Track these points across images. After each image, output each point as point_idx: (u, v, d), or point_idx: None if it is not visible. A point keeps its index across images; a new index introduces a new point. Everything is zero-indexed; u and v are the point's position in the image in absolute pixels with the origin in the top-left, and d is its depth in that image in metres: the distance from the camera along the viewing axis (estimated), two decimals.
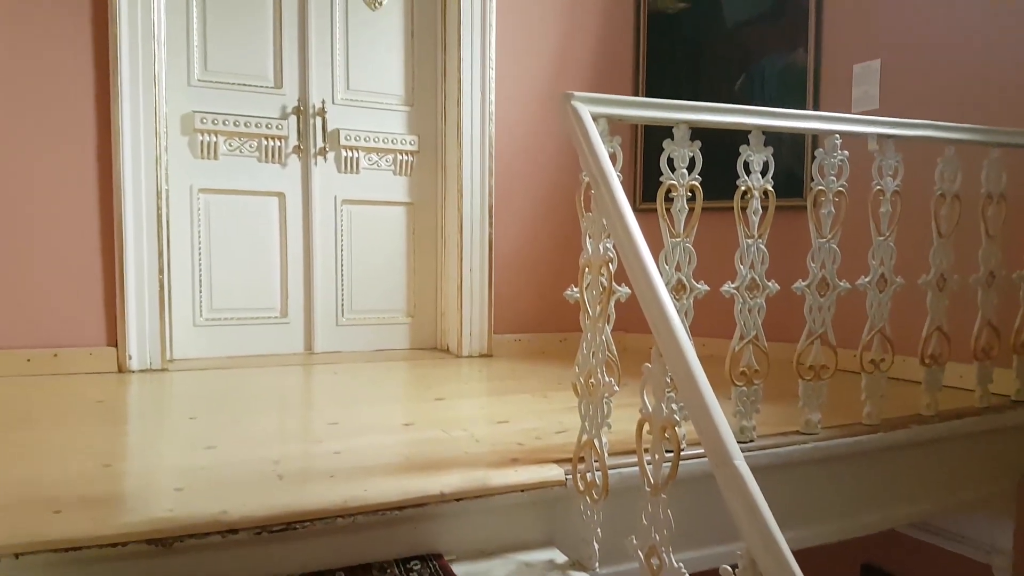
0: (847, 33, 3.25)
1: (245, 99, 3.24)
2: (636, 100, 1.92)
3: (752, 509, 1.05)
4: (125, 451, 1.87)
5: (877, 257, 2.20)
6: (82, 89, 2.83)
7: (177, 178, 3.12)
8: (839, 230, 2.09)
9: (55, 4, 2.78)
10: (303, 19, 3.32)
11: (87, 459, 1.75)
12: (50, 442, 1.92)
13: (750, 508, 1.05)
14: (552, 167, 3.71)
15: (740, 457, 1.15)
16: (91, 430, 2.05)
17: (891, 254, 2.21)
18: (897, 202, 2.19)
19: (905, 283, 2.24)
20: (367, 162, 3.50)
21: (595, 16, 3.75)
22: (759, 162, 1.97)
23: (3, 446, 1.87)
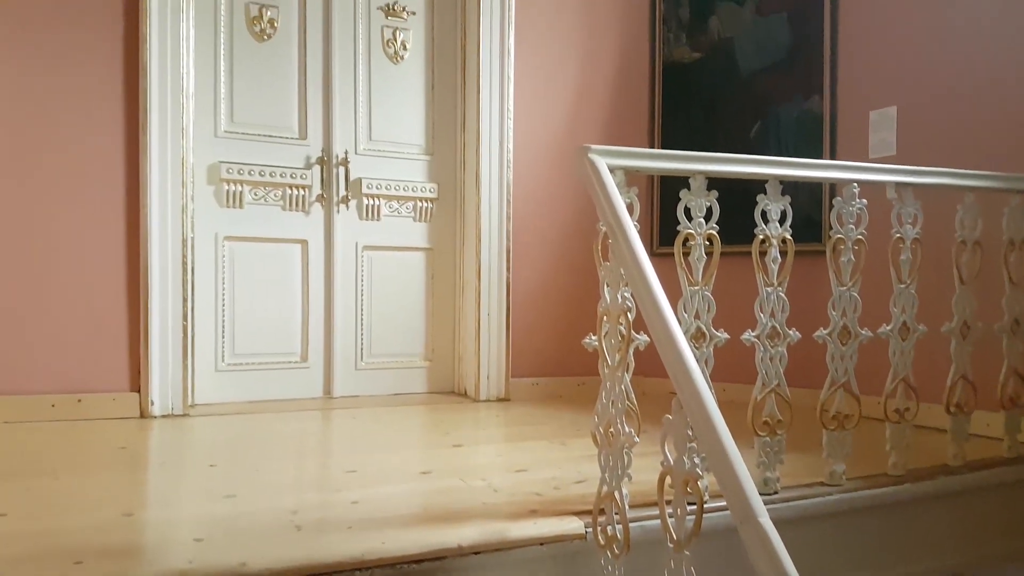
0: (863, 80, 3.27)
1: (270, 150, 3.31)
2: (652, 152, 1.95)
3: (778, 570, 1.03)
4: (146, 500, 1.87)
5: (899, 305, 2.19)
6: (112, 139, 2.92)
7: (203, 226, 3.18)
8: (859, 278, 2.08)
9: (88, 56, 2.88)
10: (327, 72, 3.41)
11: (108, 508, 1.76)
12: (72, 491, 1.93)
13: (776, 569, 1.03)
14: (569, 212, 3.74)
15: (764, 514, 1.14)
16: (112, 478, 2.07)
17: (913, 302, 2.20)
18: (917, 250, 2.19)
19: (928, 331, 2.22)
20: (388, 209, 3.56)
21: (611, 66, 3.82)
22: (777, 211, 1.98)
23: (26, 495, 1.89)
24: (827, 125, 3.37)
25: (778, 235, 1.98)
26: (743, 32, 3.61)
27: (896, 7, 3.15)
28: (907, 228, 2.18)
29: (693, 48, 3.76)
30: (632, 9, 3.85)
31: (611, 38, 3.81)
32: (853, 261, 2.07)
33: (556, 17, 3.69)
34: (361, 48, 3.47)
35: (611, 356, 1.72)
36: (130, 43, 2.92)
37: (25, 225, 2.82)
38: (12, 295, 2.81)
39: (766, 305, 1.97)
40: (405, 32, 3.54)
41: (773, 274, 1.97)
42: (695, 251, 1.89)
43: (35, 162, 2.82)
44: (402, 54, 3.54)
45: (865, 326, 2.10)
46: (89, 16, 2.87)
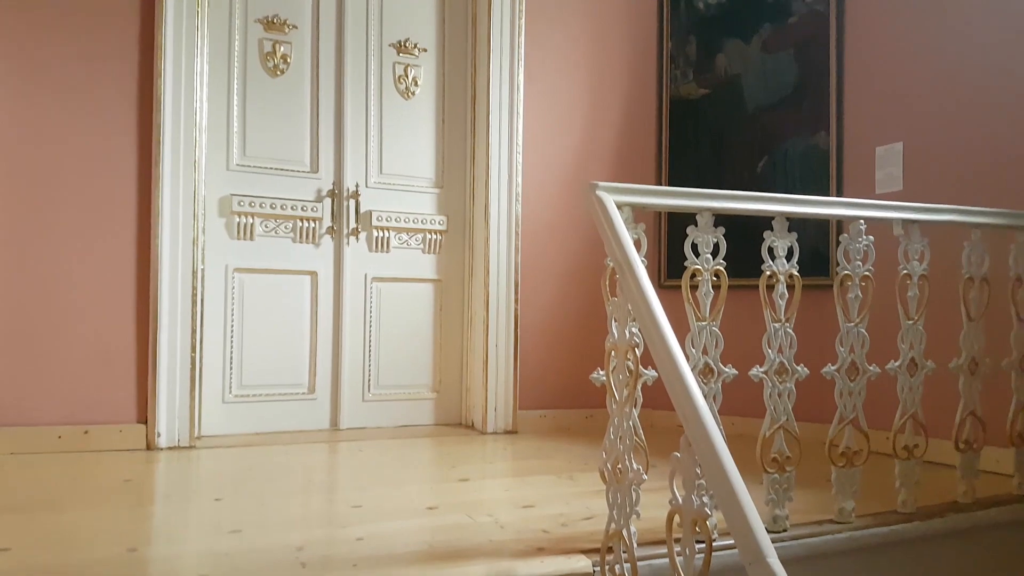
0: (869, 116, 3.30)
1: (282, 183, 3.36)
2: (660, 189, 1.97)
3: None
4: (151, 534, 1.87)
5: (907, 341, 2.18)
6: (125, 172, 2.96)
7: (213, 258, 3.21)
8: (867, 314, 2.09)
9: (104, 91, 2.94)
10: (339, 107, 3.46)
11: (113, 543, 1.76)
12: (77, 525, 1.93)
13: None
14: (578, 245, 3.76)
15: (773, 554, 1.13)
16: (118, 512, 2.06)
17: (921, 338, 2.19)
18: (925, 286, 2.19)
19: (936, 367, 2.21)
20: (397, 241, 3.58)
21: (619, 101, 3.87)
22: (784, 248, 1.99)
23: (31, 529, 1.89)
24: (833, 160, 3.39)
25: (785, 272, 1.99)
26: (750, 69, 3.66)
27: (902, 44, 3.19)
28: (914, 264, 2.18)
29: (700, 84, 3.81)
30: (640, 46, 3.90)
31: (619, 74, 3.86)
32: (860, 297, 2.07)
33: (565, 54, 3.74)
34: (373, 83, 3.53)
35: (619, 392, 1.72)
36: (145, 78, 2.98)
37: (35, 255, 2.85)
38: (21, 325, 2.84)
39: (774, 341, 1.97)
40: (416, 68, 3.61)
41: (781, 310, 1.98)
42: (702, 286, 1.90)
43: (48, 193, 2.87)
44: (413, 90, 3.60)
45: (873, 362, 2.09)
46: (106, 52, 2.94)
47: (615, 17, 3.85)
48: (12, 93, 2.82)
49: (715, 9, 3.76)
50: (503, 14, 3.58)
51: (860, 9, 3.37)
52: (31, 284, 2.85)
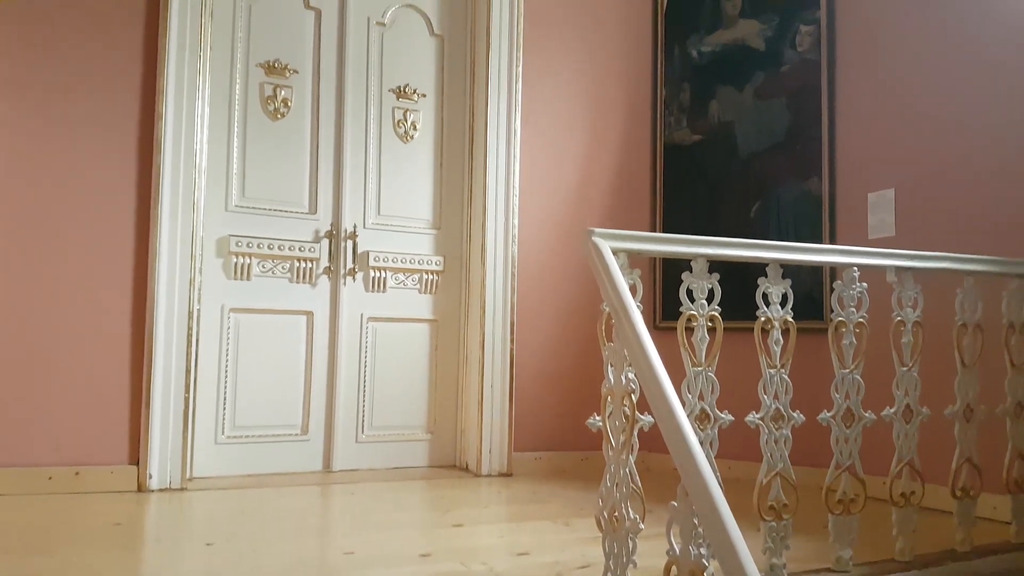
0: (861, 163, 3.36)
1: (280, 224, 3.38)
2: (655, 236, 1.99)
3: None
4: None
5: (901, 388, 2.19)
6: (123, 212, 2.98)
7: (209, 298, 3.21)
8: (862, 360, 2.10)
9: (105, 133, 2.97)
10: (339, 150, 3.51)
11: None
12: (66, 569, 1.90)
13: None
14: (573, 286, 3.77)
15: None
16: (107, 557, 2.03)
17: (915, 384, 2.20)
18: (919, 332, 2.20)
19: (931, 413, 2.21)
20: (394, 281, 3.60)
21: (614, 146, 3.93)
22: (778, 294, 2.01)
23: (21, 572, 1.86)
24: (826, 206, 3.44)
25: (780, 318, 2.00)
26: (742, 115, 3.73)
27: (893, 92, 3.25)
28: (908, 311, 2.20)
29: (694, 131, 3.87)
30: (635, 93, 3.98)
31: (614, 120, 3.93)
32: (855, 344, 2.09)
33: (561, 100, 3.81)
34: (372, 127, 3.58)
35: (615, 438, 1.72)
36: (146, 120, 3.02)
37: (31, 294, 2.85)
38: (14, 364, 2.82)
39: (769, 387, 1.98)
40: (415, 113, 3.66)
41: (776, 356, 1.98)
42: (698, 332, 1.91)
43: (45, 233, 2.88)
44: (412, 133, 3.65)
45: (869, 408, 2.10)
46: (108, 95, 2.98)
47: (610, 65, 3.93)
48: (13, 132, 2.85)
49: (708, 58, 3.84)
50: (500, 62, 3.65)
51: (851, 58, 3.45)
52: (25, 322, 2.84)
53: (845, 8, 3.49)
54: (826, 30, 3.51)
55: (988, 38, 2.91)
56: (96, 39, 2.96)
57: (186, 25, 3.06)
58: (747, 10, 3.73)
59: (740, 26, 3.75)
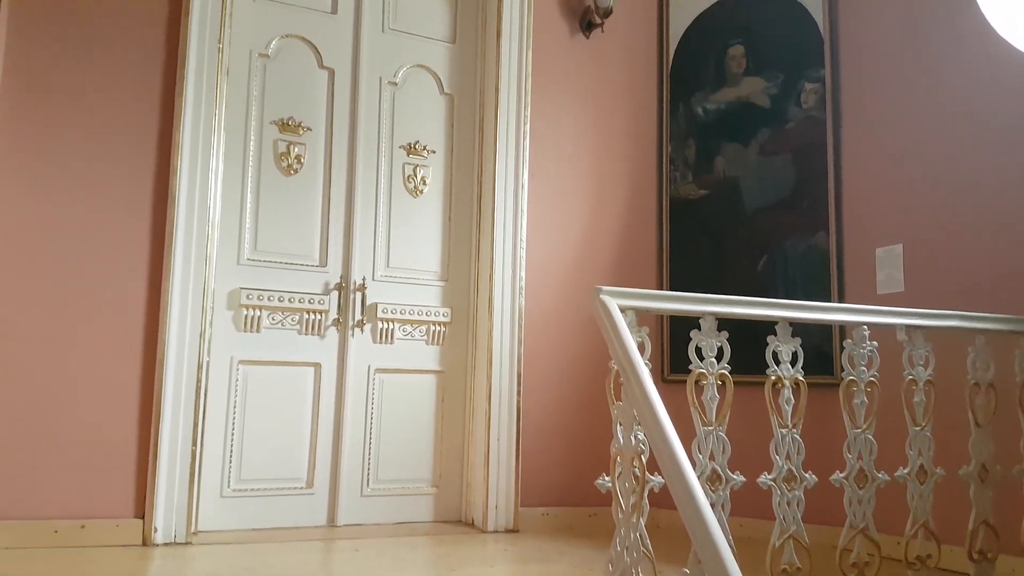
0: (868, 218, 3.37)
1: (290, 276, 3.40)
2: (663, 294, 2.00)
3: None
4: None
5: (915, 448, 2.17)
6: (136, 265, 3.01)
7: (219, 350, 3.22)
8: (874, 420, 2.08)
9: (120, 187, 3.01)
10: (350, 204, 3.55)
11: None
12: None
13: None
14: (580, 338, 3.77)
15: None
16: None
17: (929, 444, 2.18)
18: (931, 391, 2.19)
19: (946, 474, 2.18)
20: (401, 333, 3.60)
21: (620, 200, 3.96)
22: (788, 352, 2.01)
23: None
24: (834, 261, 3.44)
25: (791, 377, 2.00)
26: (748, 171, 3.77)
27: (899, 148, 3.28)
28: (919, 370, 2.19)
29: (700, 185, 3.91)
30: (640, 148, 4.03)
31: (620, 174, 3.97)
32: (867, 403, 2.08)
33: (568, 155, 3.87)
34: (383, 183, 3.63)
35: (625, 500, 1.70)
36: (161, 175, 3.07)
37: (42, 345, 2.87)
38: (22, 416, 2.82)
39: (781, 447, 1.96)
40: (425, 168, 3.72)
41: (787, 416, 1.97)
42: (707, 391, 1.90)
43: (58, 284, 2.90)
44: (421, 188, 3.70)
45: (882, 468, 2.07)
46: (126, 150, 3.03)
47: (616, 121, 3.99)
48: (30, 185, 2.90)
49: (713, 115, 3.90)
50: (508, 119, 3.72)
51: (856, 115, 3.50)
52: (35, 373, 2.85)
53: (849, 67, 3.55)
54: (831, 88, 3.57)
55: (992, 97, 2.95)
56: (115, 97, 3.03)
57: (202, 83, 3.13)
58: (752, 68, 3.81)
59: (745, 84, 3.82)
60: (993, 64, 2.95)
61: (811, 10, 3.67)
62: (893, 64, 3.34)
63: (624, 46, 4.03)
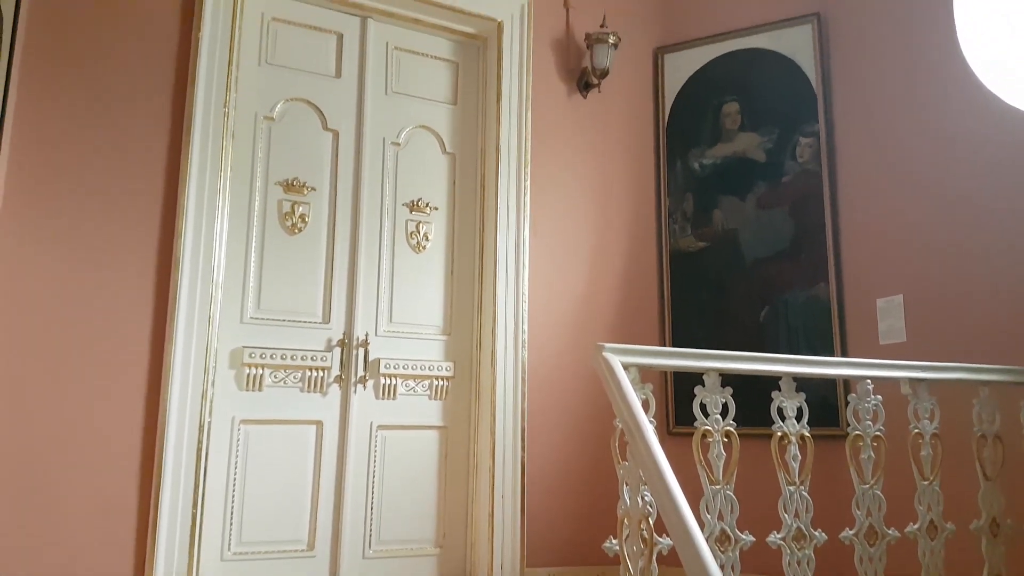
0: (867, 269, 3.39)
1: (293, 334, 3.41)
2: (666, 350, 2.01)
3: None
4: None
5: (924, 503, 2.14)
6: (139, 326, 3.01)
7: (220, 410, 3.20)
8: (881, 475, 2.06)
9: (125, 249, 3.03)
10: (353, 261, 3.58)
11: None
12: None
13: None
14: (584, 391, 3.75)
15: None
16: None
17: (938, 499, 2.15)
18: (937, 445, 2.18)
19: (956, 529, 2.15)
20: (404, 388, 3.59)
21: (621, 252, 4.00)
22: (793, 408, 2.00)
23: None
24: (835, 311, 3.46)
25: (796, 432, 1.99)
26: (746, 224, 3.81)
27: (896, 200, 3.32)
28: (925, 423, 2.18)
29: (699, 238, 3.95)
30: (639, 202, 4.08)
31: (620, 227, 4.02)
32: (873, 458, 2.06)
33: (568, 210, 3.91)
34: (386, 239, 3.66)
35: (633, 564, 1.67)
36: (165, 237, 3.10)
37: (43, 406, 2.85)
38: (21, 478, 2.79)
39: (789, 505, 1.94)
40: (428, 225, 3.76)
41: (794, 473, 1.96)
42: (714, 448, 1.89)
43: (61, 346, 2.90)
44: (424, 244, 3.74)
45: (892, 524, 2.05)
46: (130, 213, 3.06)
47: (615, 176, 4.05)
48: (37, 245, 2.91)
49: (710, 169, 3.97)
50: (509, 176, 3.78)
51: (852, 168, 3.55)
52: (36, 433, 2.82)
53: (843, 121, 3.63)
54: (825, 142, 3.63)
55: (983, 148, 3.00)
56: (121, 161, 3.07)
57: (208, 146, 3.19)
58: (746, 124, 3.89)
59: (740, 139, 3.89)
60: (981, 115, 3.01)
61: (803, 67, 3.77)
62: (885, 117, 3.41)
63: (621, 105, 4.12)
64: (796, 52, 3.80)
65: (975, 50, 3.11)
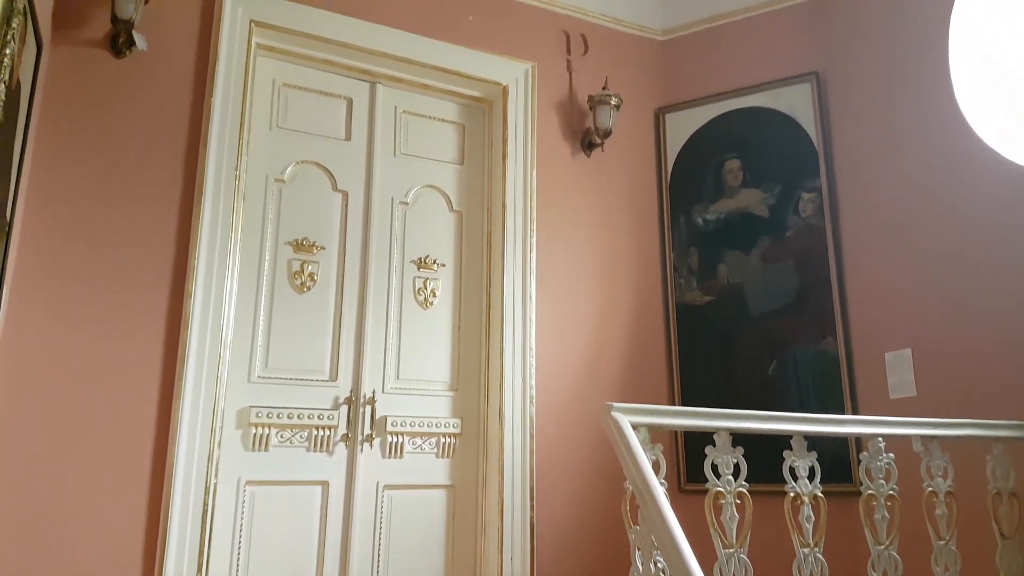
0: (875, 322, 3.39)
1: (300, 392, 3.40)
2: (675, 409, 2.00)
3: None
4: None
5: (941, 563, 2.10)
6: (147, 387, 3.00)
7: (226, 471, 3.18)
8: (896, 535, 2.03)
9: (135, 307, 3.05)
10: (361, 319, 3.60)
11: None
12: None
13: None
14: (594, 448, 3.71)
15: None
16: None
17: (955, 559, 2.11)
18: (952, 503, 2.14)
19: None
20: (411, 446, 3.56)
21: (627, 306, 4.01)
22: (805, 467, 1.99)
23: None
24: (844, 365, 3.44)
25: (809, 492, 1.96)
26: (751, 278, 3.83)
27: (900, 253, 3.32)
28: (939, 481, 2.16)
29: (704, 292, 3.96)
30: (644, 257, 4.11)
31: (626, 281, 4.04)
32: (888, 518, 2.03)
33: (574, 265, 3.94)
34: (394, 296, 3.69)
35: None
36: (175, 297, 3.11)
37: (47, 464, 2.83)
38: (26, 537, 2.76)
39: (804, 568, 1.90)
40: (435, 281, 3.79)
41: (808, 534, 1.93)
42: (726, 510, 1.87)
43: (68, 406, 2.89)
44: (432, 300, 3.76)
45: None
46: (141, 274, 3.07)
47: (619, 230, 4.09)
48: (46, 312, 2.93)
49: (713, 224, 4.01)
50: (515, 233, 3.82)
51: (855, 222, 3.58)
52: (41, 492, 2.79)
53: (844, 176, 3.67)
54: (828, 197, 3.67)
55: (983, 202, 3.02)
56: (131, 223, 3.10)
57: (219, 209, 3.24)
58: (748, 180, 3.94)
59: (742, 195, 3.94)
60: (980, 169, 3.04)
61: (803, 124, 3.84)
62: (886, 172, 3.45)
63: (624, 163, 4.19)
64: (796, 110, 3.87)
65: (973, 105, 3.17)
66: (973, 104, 3.17)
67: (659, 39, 4.41)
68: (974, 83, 3.21)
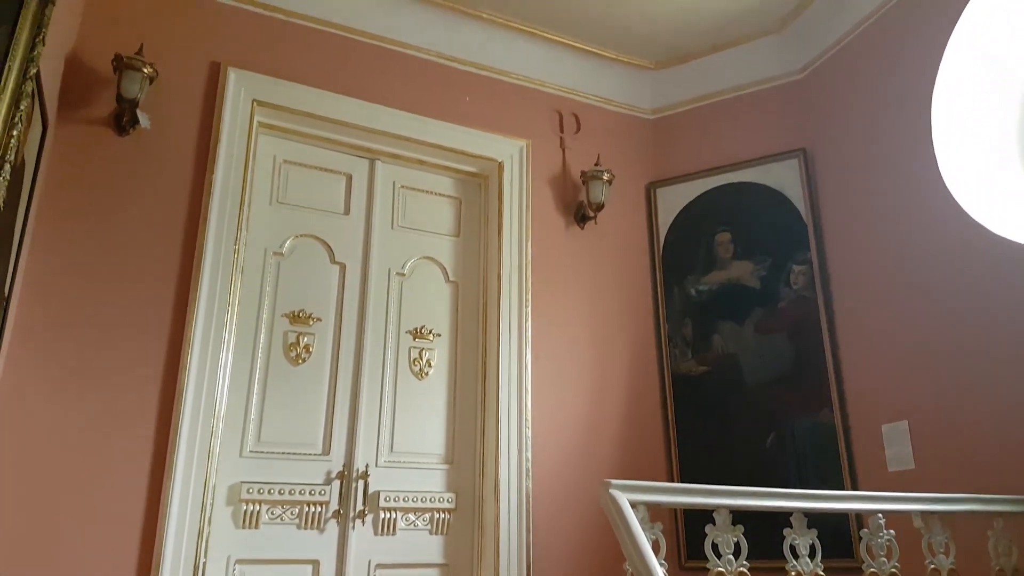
0: (870, 394, 3.39)
1: (292, 466, 3.35)
2: (675, 487, 1.99)
3: None
4: None
5: None
6: (138, 463, 2.95)
7: (216, 549, 3.10)
8: None
9: (129, 379, 3.03)
10: (356, 390, 3.57)
11: None
12: None
13: None
14: (591, 522, 3.64)
15: None
16: None
17: None
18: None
19: None
20: (404, 523, 3.49)
21: (623, 376, 4.01)
22: (806, 545, 1.96)
23: None
24: (841, 437, 3.43)
25: (810, 571, 1.93)
26: (745, 348, 3.85)
27: (893, 326, 3.33)
28: (941, 559, 2.12)
29: (699, 362, 3.97)
30: (639, 327, 4.14)
31: (621, 351, 4.05)
32: None
33: (569, 336, 3.96)
34: (389, 366, 3.68)
35: None
36: (170, 369, 3.10)
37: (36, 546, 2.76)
38: None
39: None
40: (431, 351, 3.79)
41: None
42: None
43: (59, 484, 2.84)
44: (427, 371, 3.75)
45: None
46: (137, 346, 3.07)
47: (614, 301, 4.13)
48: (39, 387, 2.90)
49: (706, 295, 4.05)
50: (511, 304, 3.85)
51: (846, 294, 3.62)
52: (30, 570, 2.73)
53: (834, 249, 3.73)
54: (818, 269, 3.73)
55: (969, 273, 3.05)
56: (128, 296, 3.11)
57: (217, 281, 3.26)
58: (740, 253, 4.01)
59: (734, 267, 4.00)
60: (966, 242, 3.08)
61: (792, 199, 3.93)
62: (875, 245, 3.51)
63: (617, 235, 4.26)
64: (784, 185, 3.96)
65: (956, 179, 3.24)
66: (957, 177, 3.24)
67: (649, 118, 4.54)
68: (958, 156, 3.27)
